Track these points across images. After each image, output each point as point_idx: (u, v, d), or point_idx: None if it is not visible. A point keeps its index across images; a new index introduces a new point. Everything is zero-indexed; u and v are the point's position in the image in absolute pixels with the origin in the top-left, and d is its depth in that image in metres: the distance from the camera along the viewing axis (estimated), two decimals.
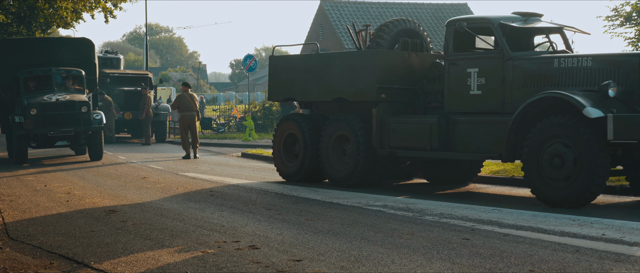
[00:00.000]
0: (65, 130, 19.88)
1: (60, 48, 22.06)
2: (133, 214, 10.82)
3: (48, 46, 22.36)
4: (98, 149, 20.63)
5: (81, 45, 22.35)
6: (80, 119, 19.86)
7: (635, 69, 10.86)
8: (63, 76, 21.00)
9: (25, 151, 20.05)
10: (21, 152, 19.86)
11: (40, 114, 19.54)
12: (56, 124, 19.75)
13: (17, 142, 19.75)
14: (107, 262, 7.64)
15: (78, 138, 20.49)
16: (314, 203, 11.69)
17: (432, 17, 49.11)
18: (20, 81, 20.62)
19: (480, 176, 14.65)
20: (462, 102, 12.57)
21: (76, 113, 19.89)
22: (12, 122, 19.74)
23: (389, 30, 14.49)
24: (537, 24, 12.65)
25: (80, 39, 23.04)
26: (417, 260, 7.40)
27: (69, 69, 21.23)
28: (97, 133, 20.42)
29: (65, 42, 23.12)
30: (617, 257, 7.38)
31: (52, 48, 22.05)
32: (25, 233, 9.42)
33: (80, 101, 20.04)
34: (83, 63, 21.71)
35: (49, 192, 13.71)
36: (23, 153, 19.94)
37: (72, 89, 20.90)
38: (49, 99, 19.86)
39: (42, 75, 20.86)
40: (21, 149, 19.84)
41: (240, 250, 8.01)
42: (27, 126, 19.35)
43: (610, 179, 12.27)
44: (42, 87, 20.62)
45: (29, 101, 19.83)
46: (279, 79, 15.64)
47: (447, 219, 9.89)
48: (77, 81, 21.20)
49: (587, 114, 10.49)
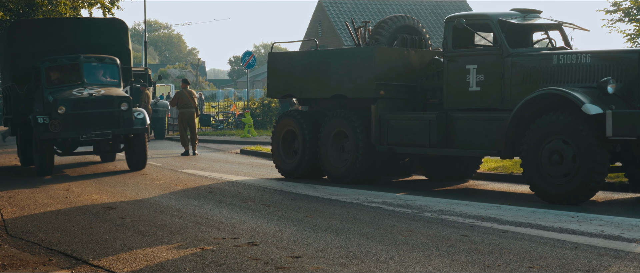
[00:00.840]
0: (102, 133, 15.87)
1: (87, 31, 18.18)
2: (132, 211, 10.82)
3: (73, 28, 18.25)
4: (141, 156, 16.79)
5: (113, 27, 18.39)
6: (119, 119, 16.02)
7: (634, 66, 10.86)
8: (94, 65, 16.97)
9: (50, 160, 16.06)
10: (46, 161, 15.92)
11: (70, 113, 15.67)
12: (90, 126, 15.86)
13: (40, 148, 15.81)
14: (105, 258, 7.64)
15: (116, 142, 16.68)
16: (313, 200, 11.69)
17: (431, 13, 49.09)
18: (42, 72, 16.64)
19: (479, 173, 14.65)
20: (461, 98, 12.56)
21: (114, 112, 16.00)
22: (34, 123, 15.82)
23: (387, 27, 14.48)
24: (536, 20, 12.64)
25: (112, 19, 19.53)
26: (416, 256, 7.40)
27: (102, 56, 17.16)
28: (139, 136, 16.59)
29: (94, 24, 19.02)
30: (616, 254, 7.38)
31: (78, 31, 18.10)
32: (24, 230, 9.42)
33: (119, 96, 16.14)
34: (115, 49, 17.75)
35: (48, 189, 13.71)
36: (48, 162, 15.98)
37: (105, 81, 16.99)
38: (80, 93, 16.02)
39: (69, 64, 16.85)
40: (46, 157, 15.92)
41: (239, 247, 8.00)
42: (53, 128, 15.42)
43: (609, 176, 12.27)
44: (69, 79, 16.76)
45: (54, 96, 15.96)
46: (277, 76, 15.63)
47: (446, 216, 9.89)
48: (111, 71, 17.24)
49: (586, 111, 10.48)
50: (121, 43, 18.14)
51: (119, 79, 17.15)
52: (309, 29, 50.41)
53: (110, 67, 17.17)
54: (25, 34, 17.79)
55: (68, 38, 17.73)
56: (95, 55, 17.07)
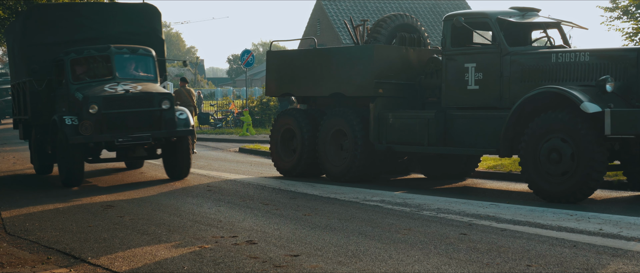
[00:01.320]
0: (140, 136, 13.53)
1: (115, 18, 15.85)
2: (130, 209, 10.82)
3: (99, 14, 15.91)
4: (184, 163, 14.34)
5: (145, 14, 16.04)
6: (161, 120, 13.70)
7: (632, 64, 10.86)
8: (126, 57, 14.72)
9: (80, 168, 13.66)
10: (75, 169, 13.56)
11: (103, 112, 13.38)
12: (127, 127, 13.58)
13: (68, 154, 13.46)
14: (104, 257, 7.64)
15: (155, 147, 14.45)
16: (312, 198, 11.69)
17: (430, 12, 49.08)
18: (66, 65, 14.40)
19: (478, 171, 14.65)
20: (460, 97, 12.56)
21: (155, 111, 13.69)
22: (60, 125, 13.42)
23: (386, 26, 14.47)
24: (534, 18, 12.64)
25: (143, 5, 16.70)
26: (414, 255, 7.40)
27: (135, 47, 14.94)
28: (183, 140, 14.14)
29: (123, 10, 16.36)
30: (614, 252, 7.38)
31: (105, 18, 15.79)
32: (22, 228, 9.42)
33: (160, 93, 13.82)
34: (147, 39, 15.59)
35: (46, 187, 13.71)
36: (78, 171, 13.63)
37: (139, 76, 14.73)
38: (113, 90, 13.71)
39: (97, 55, 14.62)
40: (75, 164, 13.54)
41: (238, 245, 8.00)
42: (84, 131, 13.17)
43: (608, 174, 12.27)
44: (98, 73, 14.60)
45: (84, 93, 13.65)
46: (276, 74, 15.62)
47: (444, 214, 9.89)
48: (146, 64, 14.93)
49: (584, 109, 10.48)
50: (154, 32, 15.94)
51: (155, 73, 14.91)
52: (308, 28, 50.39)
53: (145, 60, 14.90)
54: (43, 21, 15.41)
55: (93, 26, 15.50)
56: (128, 45, 14.88)
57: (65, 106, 14.29)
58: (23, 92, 15.84)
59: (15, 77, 16.90)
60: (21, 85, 15.98)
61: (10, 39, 17.19)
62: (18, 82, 16.38)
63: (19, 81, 16.24)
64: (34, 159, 16.31)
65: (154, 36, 15.87)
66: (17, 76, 16.56)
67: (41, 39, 15.16)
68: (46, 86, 15.00)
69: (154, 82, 14.69)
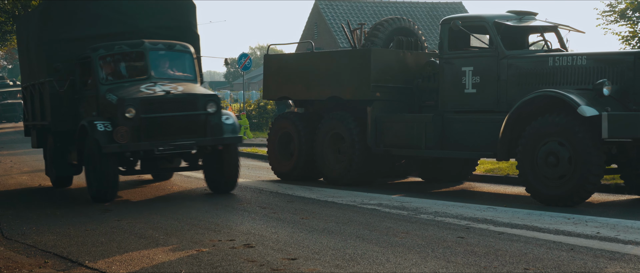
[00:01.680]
0: (183, 143, 11.78)
1: (147, 10, 13.98)
2: (128, 213, 10.80)
3: (127, 6, 13.91)
4: (232, 175, 12.55)
5: (178, 7, 14.25)
6: (206, 125, 11.98)
7: (629, 68, 10.88)
8: (162, 54, 13.01)
9: (114, 180, 11.88)
10: (109, 182, 11.76)
11: (142, 117, 11.63)
12: (168, 134, 11.80)
13: (101, 166, 11.64)
14: (101, 260, 7.63)
15: (197, 156, 12.46)
16: (309, 202, 11.68)
17: (427, 15, 49.13)
18: (95, 63, 12.61)
19: (475, 175, 14.66)
20: (457, 100, 12.57)
21: (200, 115, 11.95)
22: (91, 131, 11.66)
23: (383, 29, 14.49)
24: (531, 22, 12.66)
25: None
26: (412, 258, 7.40)
27: (172, 42, 13.21)
28: (231, 148, 12.41)
29: (154, 2, 14.21)
30: (611, 255, 7.39)
31: (134, 11, 13.90)
32: (19, 232, 9.41)
33: (205, 95, 12.13)
34: (181, 35, 13.80)
35: (44, 192, 13.69)
36: (111, 184, 11.82)
37: (176, 75, 12.95)
38: (152, 91, 11.96)
39: (129, 52, 12.90)
40: (109, 177, 11.74)
41: (235, 249, 8.00)
42: (120, 138, 11.43)
43: (605, 177, 12.29)
44: (131, 72, 12.93)
45: (118, 95, 11.94)
46: (274, 78, 15.62)
47: (442, 217, 9.90)
48: (184, 62, 13.21)
49: (581, 113, 10.50)
50: (188, 26, 14.18)
51: (194, 72, 13.18)
52: (305, 31, 50.42)
53: (183, 57, 13.20)
54: (64, 14, 13.58)
55: (121, 19, 13.70)
56: (163, 41, 13.15)
57: (94, 110, 12.46)
58: (40, 94, 14.00)
59: (29, 77, 14.93)
60: (37, 87, 14.14)
61: (23, 34, 15.31)
62: (32, 84, 14.56)
63: (33, 82, 14.43)
64: (50, 170, 14.39)
65: (189, 31, 14.09)
66: (31, 76, 14.63)
67: (62, 34, 13.30)
68: (69, 86, 13.11)
69: (194, 82, 12.93)
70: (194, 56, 13.28)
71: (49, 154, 14.36)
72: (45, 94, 13.54)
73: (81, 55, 12.99)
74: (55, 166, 13.83)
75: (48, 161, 14.54)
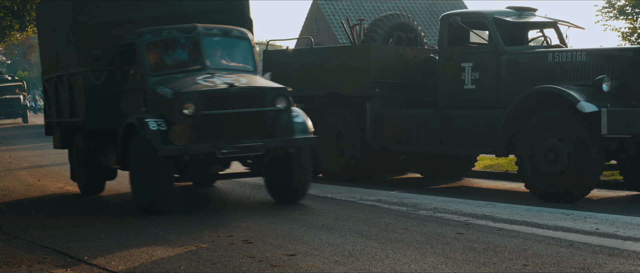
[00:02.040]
0: (250, 145, 10.06)
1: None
2: (127, 208, 10.80)
3: None
4: (301, 182, 10.75)
5: None
6: (275, 124, 10.28)
7: (629, 64, 10.88)
8: (216, 41, 11.19)
9: (169, 189, 10.09)
10: (164, 190, 10.00)
11: (203, 114, 9.88)
12: (234, 134, 10.10)
13: (155, 171, 9.91)
14: (100, 256, 7.63)
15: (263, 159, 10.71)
16: (308, 198, 11.67)
17: (427, 11, 49.10)
18: (141, 50, 10.81)
19: (474, 171, 14.66)
20: (456, 96, 12.56)
21: (268, 112, 10.27)
22: (142, 130, 9.90)
23: (383, 25, 14.47)
24: (531, 18, 12.65)
25: None
26: (411, 254, 7.40)
27: (228, 27, 11.35)
28: (300, 151, 10.62)
29: None
30: (610, 251, 7.39)
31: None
32: (18, 228, 9.40)
33: (274, 89, 10.47)
34: (232, 19, 11.90)
35: (43, 187, 13.69)
36: (167, 192, 10.05)
37: (232, 66, 11.14)
38: (211, 83, 10.24)
39: (180, 37, 11.06)
40: (165, 184, 9.99)
41: (234, 245, 7.99)
42: (177, 139, 9.69)
43: (604, 173, 12.29)
44: (180, 61, 11.12)
45: (172, 87, 10.19)
46: (273, 74, 15.59)
47: (441, 213, 9.90)
48: (241, 51, 11.43)
49: (581, 109, 10.50)
50: (240, 10, 12.32)
51: (253, 62, 11.40)
52: (304, 27, 50.38)
53: (240, 45, 11.39)
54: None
55: (166, 1, 11.95)
56: (218, 26, 11.30)
57: (139, 105, 10.71)
58: (69, 87, 12.17)
59: (54, 68, 12.98)
60: (65, 78, 12.28)
61: (47, 20, 13.36)
62: (59, 75, 12.68)
63: (61, 73, 12.53)
64: (77, 174, 12.70)
65: (241, 16, 12.17)
66: (58, 66, 12.66)
67: (98, 18, 11.54)
68: (107, 77, 11.36)
69: (253, 74, 11.15)
70: (253, 43, 11.50)
71: (76, 156, 12.53)
72: (77, 87, 11.76)
73: (122, 41, 11.19)
74: (85, 170, 12.14)
75: (75, 164, 12.75)
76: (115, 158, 11.11)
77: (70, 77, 12.05)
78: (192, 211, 10.41)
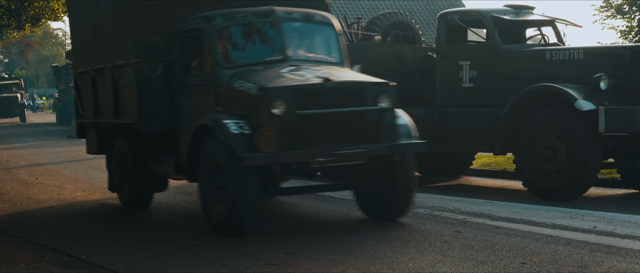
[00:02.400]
0: (350, 152, 8.27)
1: None
2: (124, 207, 10.79)
3: None
4: (404, 195, 8.98)
5: None
6: (378, 127, 8.54)
7: (626, 62, 10.88)
8: (297, 27, 9.42)
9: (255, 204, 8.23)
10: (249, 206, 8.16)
11: (298, 113, 8.11)
12: (331, 139, 8.32)
13: (239, 184, 8.08)
14: (99, 255, 7.63)
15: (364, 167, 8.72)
16: (306, 196, 11.68)
17: (424, 10, 49.12)
18: (212, 37, 9.00)
19: (472, 169, 14.66)
20: (454, 95, 12.56)
21: (371, 113, 8.52)
22: (221, 134, 8.10)
23: (380, 23, 14.47)
24: (529, 16, 12.66)
25: None
26: (408, 252, 7.40)
27: (309, 12, 9.62)
28: (407, 158, 8.92)
29: None
30: (608, 250, 7.39)
31: None
32: (16, 227, 9.40)
33: (376, 84, 8.72)
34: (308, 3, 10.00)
35: (41, 186, 13.68)
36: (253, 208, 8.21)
37: (315, 58, 9.38)
38: (300, 76, 8.47)
39: (255, 23, 9.20)
40: (250, 199, 8.13)
41: (233, 243, 7.99)
42: (266, 145, 7.94)
43: (602, 172, 12.28)
44: (258, 51, 9.21)
45: (254, 82, 8.37)
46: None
47: (439, 212, 9.90)
48: (325, 39, 9.67)
49: (578, 107, 10.50)
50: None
51: (340, 53, 9.59)
52: None
53: (324, 32, 9.64)
54: None
55: None
56: (298, 10, 9.54)
57: (209, 103, 8.88)
58: (113, 82, 10.32)
59: (93, 59, 11.12)
60: (108, 71, 10.42)
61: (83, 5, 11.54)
62: (98, 68, 10.88)
63: (100, 66, 10.75)
64: (118, 184, 10.99)
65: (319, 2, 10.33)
66: (100, 57, 10.80)
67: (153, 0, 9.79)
68: (164, 70, 9.56)
69: (342, 66, 9.45)
70: (339, 31, 9.75)
71: (118, 163, 10.90)
72: (125, 82, 10.00)
73: (186, 27, 9.39)
74: (131, 180, 10.43)
75: (114, 173, 11.08)
76: (173, 166, 9.50)
77: (116, 70, 10.18)
78: (190, 210, 10.41)
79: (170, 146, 9.66)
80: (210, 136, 8.34)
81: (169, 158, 9.65)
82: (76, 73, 12.03)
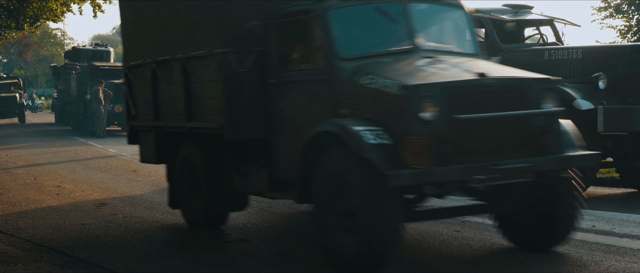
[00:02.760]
0: (516, 167, 6.46)
1: None
2: (123, 207, 10.80)
3: None
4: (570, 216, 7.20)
5: None
6: (545, 136, 6.80)
7: (625, 61, 10.88)
8: (423, 11, 7.67)
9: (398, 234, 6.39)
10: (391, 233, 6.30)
11: (456, 118, 6.31)
12: (490, 151, 6.55)
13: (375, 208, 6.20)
14: (97, 255, 7.62)
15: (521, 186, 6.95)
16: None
17: None
18: (326, 22, 7.16)
19: None
20: None
21: (536, 118, 6.80)
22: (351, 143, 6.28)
23: None
24: (527, 16, 12.65)
25: None
26: (407, 252, 7.40)
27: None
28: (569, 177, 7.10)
29: None
30: (607, 249, 7.40)
31: None
32: (15, 227, 9.39)
33: (538, 80, 6.97)
34: None
35: (39, 185, 13.67)
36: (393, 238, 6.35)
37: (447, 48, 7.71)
38: (446, 71, 6.81)
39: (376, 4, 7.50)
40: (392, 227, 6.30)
41: (231, 243, 7.99)
42: (414, 159, 6.14)
43: (601, 171, 12.30)
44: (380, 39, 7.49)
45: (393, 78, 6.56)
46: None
47: None
48: (456, 26, 8.08)
49: (577, 106, 10.50)
50: None
51: (474, 41, 8.04)
52: None
53: (453, 16, 8.08)
54: None
55: None
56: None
57: (324, 104, 7.12)
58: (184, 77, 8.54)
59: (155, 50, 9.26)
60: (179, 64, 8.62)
61: None
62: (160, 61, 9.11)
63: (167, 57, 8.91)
64: (183, 200, 9.28)
65: None
66: (167, 47, 8.96)
67: None
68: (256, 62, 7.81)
69: (476, 57, 7.77)
70: (470, 14, 8.18)
71: (184, 175, 9.17)
72: (204, 77, 8.24)
73: (287, 9, 7.66)
74: (204, 197, 8.68)
75: (176, 186, 9.43)
76: (267, 182, 7.75)
77: (189, 62, 8.45)
78: None
79: (260, 157, 7.99)
80: (333, 146, 6.57)
81: (259, 171, 7.90)
82: (127, 67, 10.08)
